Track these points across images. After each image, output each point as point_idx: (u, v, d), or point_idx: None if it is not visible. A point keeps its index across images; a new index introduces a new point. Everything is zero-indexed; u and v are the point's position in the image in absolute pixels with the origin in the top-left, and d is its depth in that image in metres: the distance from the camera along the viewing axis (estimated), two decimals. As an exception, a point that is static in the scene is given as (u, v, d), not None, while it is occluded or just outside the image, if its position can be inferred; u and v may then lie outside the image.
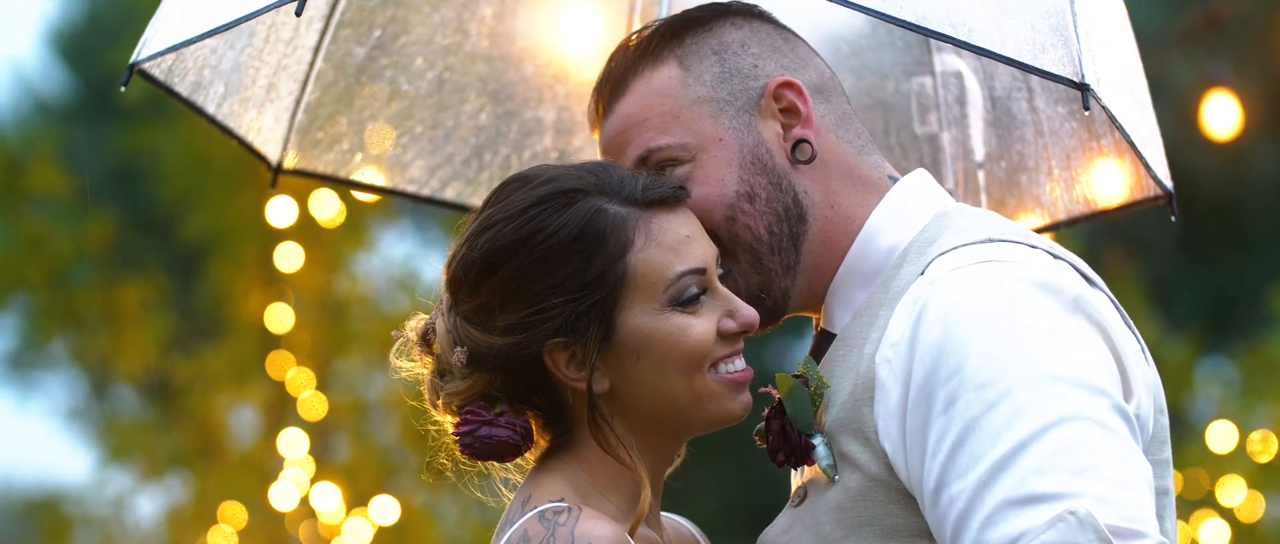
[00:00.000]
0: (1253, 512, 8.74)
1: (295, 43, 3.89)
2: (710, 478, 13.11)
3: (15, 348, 12.01)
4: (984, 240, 2.98)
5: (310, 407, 9.34)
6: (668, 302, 3.03)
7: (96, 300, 10.22)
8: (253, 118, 3.88)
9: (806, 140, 3.12)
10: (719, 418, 3.09)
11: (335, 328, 9.65)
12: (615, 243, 3.02)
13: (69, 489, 11.52)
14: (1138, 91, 3.34)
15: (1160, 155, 3.38)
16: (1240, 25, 9.44)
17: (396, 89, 4.07)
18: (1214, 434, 8.75)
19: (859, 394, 2.95)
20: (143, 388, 11.23)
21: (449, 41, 4.08)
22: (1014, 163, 3.93)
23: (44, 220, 10.22)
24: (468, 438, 3.08)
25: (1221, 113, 7.86)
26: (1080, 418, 2.76)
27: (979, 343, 2.82)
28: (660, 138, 3.12)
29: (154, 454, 10.34)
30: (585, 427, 3.07)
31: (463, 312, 3.07)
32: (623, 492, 3.07)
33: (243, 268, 9.77)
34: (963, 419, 2.79)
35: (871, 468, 2.93)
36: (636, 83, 3.16)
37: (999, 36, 2.88)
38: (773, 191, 3.11)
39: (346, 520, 9.02)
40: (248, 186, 9.48)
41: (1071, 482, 2.71)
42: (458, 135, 4.09)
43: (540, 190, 3.06)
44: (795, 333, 3.90)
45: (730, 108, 3.13)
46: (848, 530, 2.95)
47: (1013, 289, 2.87)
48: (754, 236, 3.10)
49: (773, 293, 3.13)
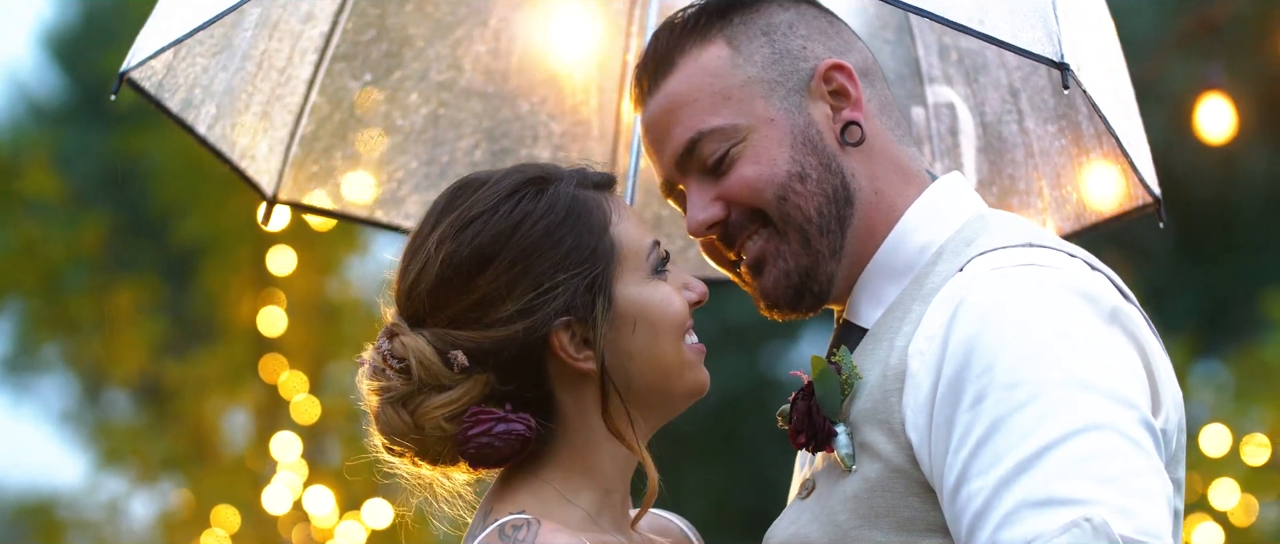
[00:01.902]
0: (1246, 515, 8.74)
1: (289, 73, 3.89)
2: (703, 479, 13.11)
3: (8, 351, 12.00)
4: (1025, 244, 2.98)
5: (303, 410, 9.34)
6: (651, 269, 3.08)
7: (90, 304, 10.22)
8: (246, 145, 3.87)
9: (856, 123, 3.11)
10: (695, 386, 3.11)
11: (328, 331, 9.65)
12: (598, 218, 3.06)
13: (62, 493, 11.50)
14: (1124, 99, 3.34)
15: (1147, 163, 3.39)
16: (1235, 29, 9.45)
17: (391, 124, 4.07)
18: (1208, 438, 8.75)
19: (887, 385, 2.94)
20: (136, 392, 11.23)
21: (444, 77, 4.08)
22: (1005, 187, 3.94)
23: (37, 224, 10.21)
24: (484, 437, 3.02)
25: (1216, 116, 7.86)
26: (1107, 428, 2.75)
27: (1014, 342, 2.81)
28: (711, 118, 3.10)
29: (147, 458, 10.34)
30: (566, 417, 3.07)
31: (449, 315, 3.04)
32: (596, 488, 3.07)
33: (236, 272, 9.77)
34: (990, 417, 2.79)
35: (894, 459, 2.92)
36: (684, 62, 3.13)
37: (978, 15, 2.89)
38: (823, 172, 3.09)
39: (339, 524, 9.02)
40: (241, 191, 9.44)
41: (1092, 489, 2.71)
42: (453, 172, 4.08)
43: (506, 183, 3.08)
44: (790, 336, 3.89)
45: (780, 88, 3.11)
46: (863, 520, 2.94)
47: (1052, 294, 2.86)
48: (804, 217, 3.08)
49: (819, 277, 3.11)
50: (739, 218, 3.12)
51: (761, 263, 3.13)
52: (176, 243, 10.19)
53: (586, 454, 3.07)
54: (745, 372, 13.52)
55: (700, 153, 3.11)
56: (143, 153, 10.28)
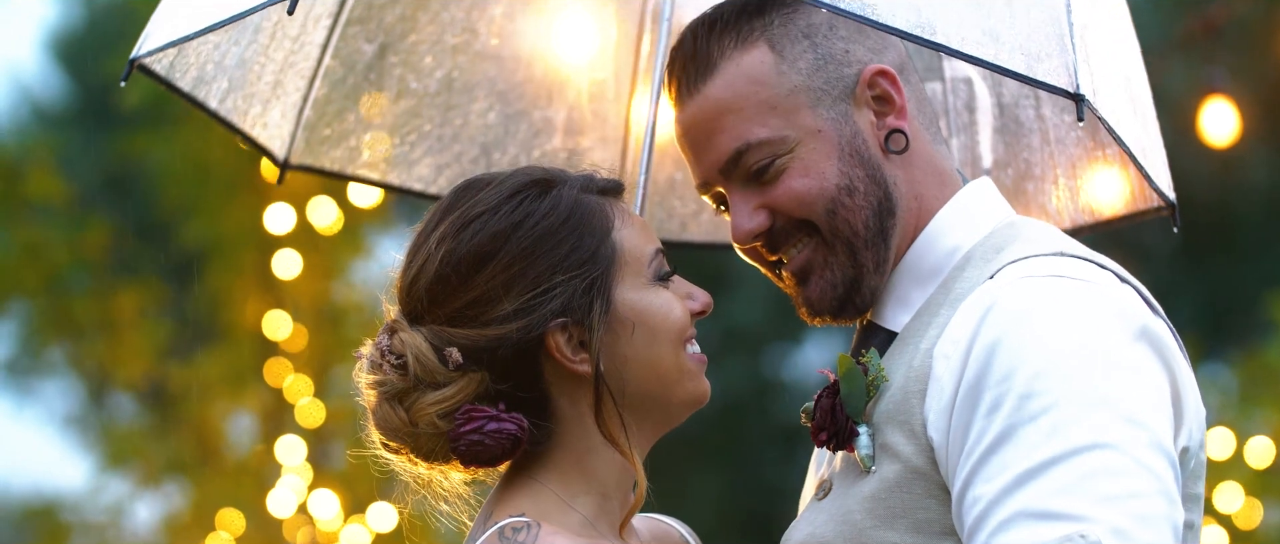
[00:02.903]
0: (1250, 518, 8.74)
1: (302, 40, 3.89)
2: (704, 483, 13.11)
3: (12, 355, 12.00)
4: (1057, 253, 2.97)
5: (308, 413, 9.33)
6: (652, 276, 3.08)
7: (94, 307, 10.22)
8: (258, 114, 3.88)
9: (901, 130, 3.09)
10: (695, 395, 3.11)
11: (333, 334, 9.65)
12: (600, 222, 3.07)
13: (66, 496, 11.51)
14: (1140, 100, 3.32)
15: (1163, 165, 3.37)
16: (1237, 31, 9.44)
17: (405, 87, 4.06)
18: (1212, 441, 8.75)
19: (910, 387, 2.94)
20: (140, 395, 11.23)
21: (458, 40, 4.07)
22: (1021, 170, 3.93)
23: (41, 227, 10.21)
24: (475, 434, 3.03)
25: (1219, 119, 7.86)
26: (1116, 447, 2.75)
27: (1034, 353, 2.80)
28: (758, 130, 3.07)
29: (151, 461, 10.34)
30: (563, 420, 3.07)
31: (446, 313, 3.05)
32: (594, 493, 3.07)
33: (240, 275, 9.76)
34: (1002, 425, 2.79)
35: (914, 460, 2.92)
36: (726, 66, 3.09)
37: (993, 47, 2.87)
38: (869, 184, 3.08)
39: (344, 527, 9.02)
40: (245, 194, 9.48)
41: (1091, 507, 2.70)
42: (466, 134, 4.09)
43: (509, 184, 3.09)
44: (793, 339, 3.89)
45: (827, 97, 3.08)
46: (879, 521, 2.94)
47: (1080, 307, 2.86)
48: (852, 230, 3.07)
49: (863, 289, 3.11)
50: (785, 226, 3.10)
51: (807, 272, 3.12)
52: (181, 246, 10.19)
53: (584, 459, 3.07)
54: (748, 375, 13.52)
55: (745, 163, 3.09)
56: (147, 156, 10.28)
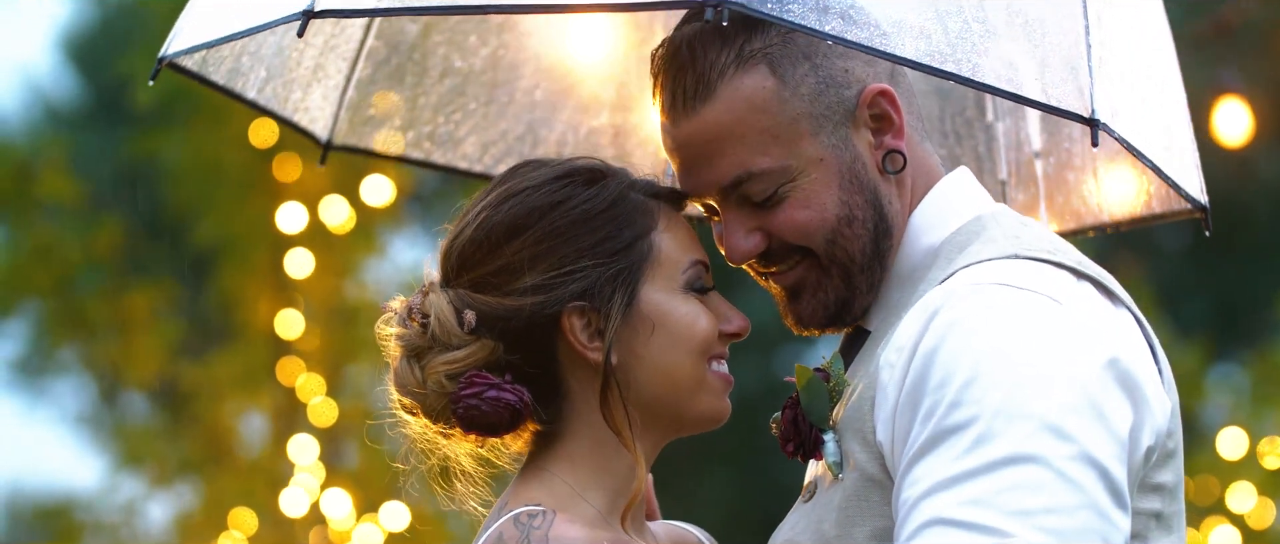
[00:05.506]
0: (1263, 518, 8.73)
1: (343, 23, 3.86)
2: (718, 483, 13.11)
3: (25, 354, 12.02)
4: (1010, 256, 2.95)
5: (320, 413, 9.34)
6: (684, 284, 3.09)
7: (106, 307, 10.23)
8: (298, 99, 3.86)
9: (899, 151, 3.07)
10: (711, 413, 3.12)
11: (345, 334, 9.65)
12: (642, 220, 3.08)
13: (79, 496, 11.53)
14: (1171, 106, 3.27)
15: (1195, 166, 3.34)
16: (1250, 32, 9.43)
17: (449, 66, 4.04)
18: (1224, 441, 8.74)
19: (865, 393, 2.94)
20: (152, 394, 11.24)
21: (503, 17, 4.01)
22: (1062, 160, 3.90)
23: (53, 227, 10.22)
24: (473, 399, 3.06)
25: (1232, 119, 7.85)
26: (1037, 460, 2.71)
27: (968, 363, 2.78)
28: (759, 160, 3.02)
29: (164, 460, 10.35)
30: (577, 410, 3.09)
31: (472, 278, 3.08)
32: (606, 488, 3.09)
33: (253, 274, 9.77)
34: (931, 431, 2.78)
35: (868, 467, 2.92)
36: (725, 89, 3.01)
37: (1007, 73, 2.85)
38: (867, 210, 3.05)
39: (357, 527, 9.02)
40: (258, 193, 9.49)
41: (1003, 521, 2.68)
42: (512, 111, 4.06)
43: (561, 167, 3.12)
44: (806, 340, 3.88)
45: (828, 123, 3.03)
46: (842, 529, 2.94)
47: (1018, 318, 2.82)
48: (849, 257, 3.06)
49: (853, 307, 3.10)
50: (781, 248, 3.09)
51: (799, 290, 3.11)
52: (193, 245, 10.19)
53: (598, 453, 3.09)
54: (761, 374, 13.51)
55: (744, 189, 3.05)
56: (159, 155, 10.29)
